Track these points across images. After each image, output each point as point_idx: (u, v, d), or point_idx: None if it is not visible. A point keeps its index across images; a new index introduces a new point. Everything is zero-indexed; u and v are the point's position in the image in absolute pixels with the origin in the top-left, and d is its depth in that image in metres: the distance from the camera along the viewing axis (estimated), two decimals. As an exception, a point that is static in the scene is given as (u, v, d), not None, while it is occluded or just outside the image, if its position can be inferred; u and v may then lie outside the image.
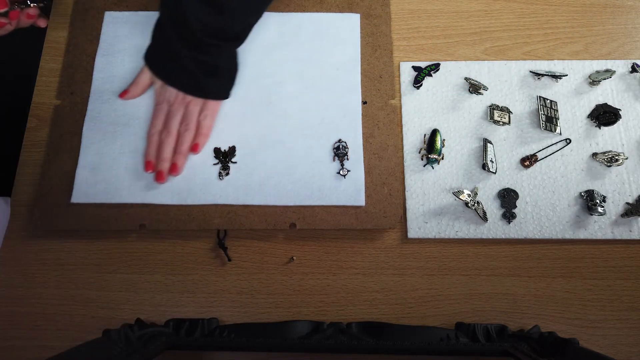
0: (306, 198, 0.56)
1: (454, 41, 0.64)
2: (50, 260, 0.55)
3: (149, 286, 0.55)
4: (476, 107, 0.60)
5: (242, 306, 0.54)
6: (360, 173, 0.57)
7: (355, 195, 0.56)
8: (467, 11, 0.65)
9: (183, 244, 0.56)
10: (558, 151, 0.58)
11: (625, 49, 0.63)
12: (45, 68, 0.62)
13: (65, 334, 0.53)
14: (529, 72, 0.62)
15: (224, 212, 0.55)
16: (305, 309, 0.54)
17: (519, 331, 0.51)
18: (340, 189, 0.56)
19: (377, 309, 0.54)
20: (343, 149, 0.57)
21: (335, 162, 0.57)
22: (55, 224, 0.55)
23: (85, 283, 0.55)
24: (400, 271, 0.55)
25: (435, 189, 0.57)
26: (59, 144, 0.58)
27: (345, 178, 0.56)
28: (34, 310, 0.54)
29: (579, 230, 0.55)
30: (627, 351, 0.52)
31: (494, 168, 0.57)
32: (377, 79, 0.61)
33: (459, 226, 0.56)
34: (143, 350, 0.43)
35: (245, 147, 0.58)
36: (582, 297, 0.54)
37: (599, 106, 0.60)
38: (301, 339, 0.49)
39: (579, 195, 0.56)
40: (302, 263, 0.55)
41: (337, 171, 0.56)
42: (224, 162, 0.57)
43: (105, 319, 0.53)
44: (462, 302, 0.54)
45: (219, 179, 0.56)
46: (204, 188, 0.56)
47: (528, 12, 0.65)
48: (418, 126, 0.60)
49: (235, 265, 0.55)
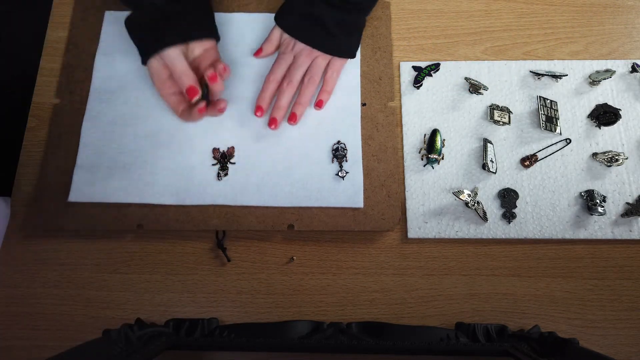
0: (304, 199, 0.55)
1: (454, 41, 0.64)
2: (50, 260, 0.55)
3: (149, 286, 0.55)
4: (476, 107, 0.60)
5: (242, 306, 0.54)
6: (359, 175, 0.57)
7: (353, 197, 0.56)
8: (467, 11, 0.65)
9: (183, 244, 0.56)
10: (558, 151, 0.58)
11: (625, 49, 0.63)
12: (45, 68, 0.62)
13: (65, 334, 0.53)
14: (529, 72, 0.62)
15: (222, 213, 0.55)
16: (305, 309, 0.54)
17: (519, 331, 0.51)
18: (338, 191, 0.56)
19: (377, 309, 0.54)
20: (342, 151, 0.57)
21: (334, 163, 0.57)
22: (51, 223, 0.55)
23: (85, 283, 0.55)
24: (400, 271, 0.55)
25: (435, 189, 0.57)
26: (58, 144, 0.58)
27: (343, 180, 0.56)
28: (34, 310, 0.54)
29: (579, 230, 0.55)
30: (627, 351, 0.52)
31: (494, 168, 0.57)
32: (377, 81, 0.61)
33: (459, 226, 0.56)
34: (143, 350, 0.43)
35: (244, 148, 0.58)
36: (582, 297, 0.54)
37: (599, 106, 0.60)
38: (301, 339, 0.49)
39: (579, 195, 0.56)
40: (302, 263, 0.55)
41: (336, 173, 0.56)
42: (222, 163, 0.57)
43: (105, 319, 0.53)
44: (462, 302, 0.54)
45: (217, 179, 0.56)
46: (202, 188, 0.56)
47: (528, 12, 0.65)
48: (418, 126, 0.60)
49: (235, 265, 0.55)
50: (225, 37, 0.62)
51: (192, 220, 0.55)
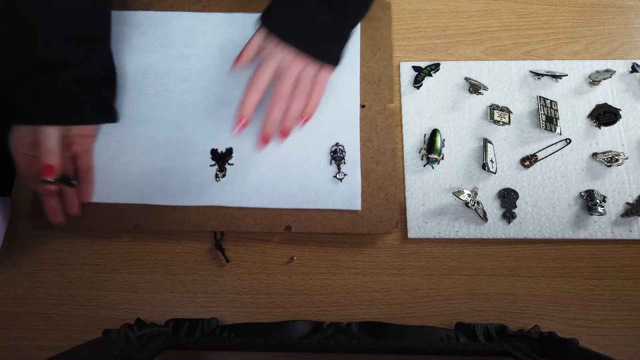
0: (302, 201, 0.55)
1: (454, 41, 0.64)
2: (50, 260, 0.55)
3: (149, 286, 0.55)
4: (476, 107, 0.60)
5: (242, 306, 0.54)
6: (357, 177, 0.56)
7: (351, 200, 0.55)
8: (467, 11, 0.65)
9: (183, 244, 0.56)
10: (558, 151, 0.58)
11: (625, 49, 0.63)
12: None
13: (65, 334, 0.53)
14: (529, 72, 0.62)
15: (220, 214, 0.55)
16: (305, 309, 0.54)
17: (519, 331, 0.51)
18: (336, 193, 0.56)
19: (377, 309, 0.54)
20: (340, 153, 0.57)
21: (332, 165, 0.57)
22: (49, 222, 0.54)
23: (85, 283, 0.55)
24: (400, 271, 0.55)
25: (435, 189, 0.57)
26: None
27: (341, 182, 0.56)
28: (34, 310, 0.54)
29: (579, 230, 0.55)
30: (627, 351, 0.52)
31: (494, 168, 0.57)
32: (376, 83, 0.61)
33: (459, 226, 0.56)
34: (143, 350, 0.43)
35: (242, 149, 0.58)
36: (582, 297, 0.54)
37: (599, 106, 0.60)
38: (301, 339, 0.49)
39: (579, 195, 0.56)
40: (302, 263, 0.55)
41: (334, 175, 0.56)
42: (220, 164, 0.57)
43: (105, 319, 0.53)
44: (462, 302, 0.54)
45: (215, 180, 0.56)
46: (200, 189, 0.56)
47: (528, 12, 0.65)
48: (418, 126, 0.60)
49: (235, 266, 0.55)
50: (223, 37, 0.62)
51: (190, 222, 0.55)
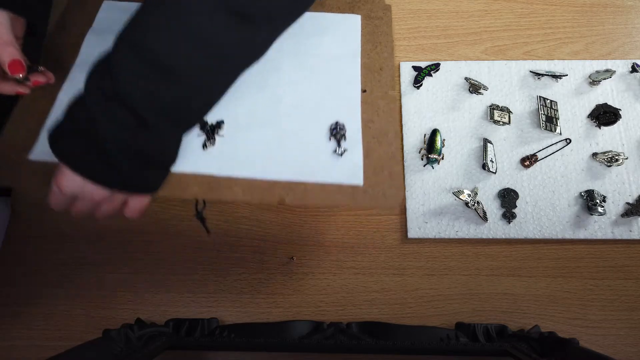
0: (298, 174, 0.51)
1: (454, 41, 0.64)
2: (50, 260, 0.55)
3: (149, 286, 0.55)
4: (476, 107, 0.60)
5: (242, 306, 0.54)
6: (358, 153, 0.52)
7: (352, 174, 0.51)
8: (467, 11, 0.65)
9: (184, 245, 0.56)
10: (558, 151, 0.58)
11: (625, 49, 0.63)
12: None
13: (65, 334, 0.53)
14: (529, 72, 0.62)
15: (204, 181, 0.50)
16: (305, 309, 0.54)
17: (519, 331, 0.51)
18: (336, 167, 0.51)
19: (377, 309, 0.54)
20: (340, 130, 0.53)
21: (331, 142, 0.52)
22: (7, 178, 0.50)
23: (85, 283, 0.55)
24: (400, 271, 0.55)
25: (435, 189, 0.57)
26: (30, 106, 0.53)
27: (341, 157, 0.52)
28: (34, 310, 0.54)
29: (579, 230, 0.55)
30: (627, 351, 0.52)
31: (494, 168, 0.57)
32: (378, 72, 0.60)
33: (459, 226, 0.56)
34: (143, 350, 0.43)
35: (234, 124, 0.54)
36: (582, 297, 0.54)
37: (599, 106, 0.60)
38: (301, 339, 0.49)
39: (579, 195, 0.56)
40: (302, 263, 0.55)
41: (333, 150, 0.52)
42: (209, 134, 0.52)
43: (105, 319, 0.53)
44: (462, 302, 0.54)
45: (202, 149, 0.51)
46: (183, 156, 0.50)
47: (528, 12, 0.65)
48: (418, 126, 0.60)
49: (235, 265, 0.55)
50: None
51: (167, 187, 0.48)
